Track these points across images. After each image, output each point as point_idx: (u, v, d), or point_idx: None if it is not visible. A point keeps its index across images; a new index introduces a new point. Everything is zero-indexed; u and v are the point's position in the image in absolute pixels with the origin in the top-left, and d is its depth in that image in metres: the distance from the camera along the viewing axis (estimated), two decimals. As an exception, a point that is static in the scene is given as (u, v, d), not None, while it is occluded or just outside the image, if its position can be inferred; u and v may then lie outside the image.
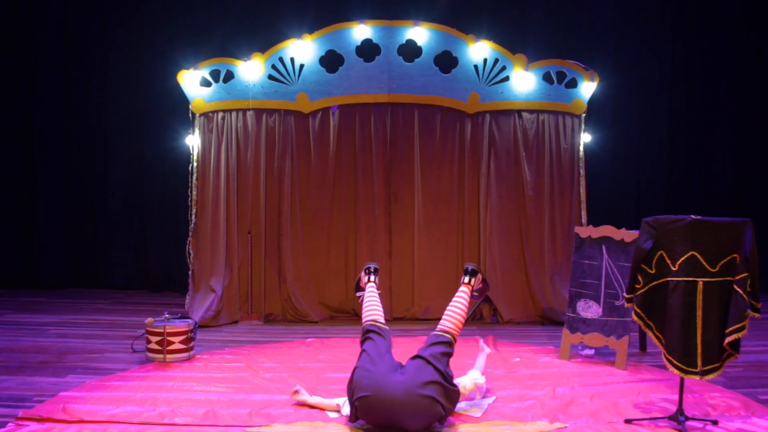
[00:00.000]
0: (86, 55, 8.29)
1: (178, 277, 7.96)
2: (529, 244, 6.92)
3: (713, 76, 8.50)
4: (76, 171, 8.39)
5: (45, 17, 8.24)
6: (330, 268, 6.93)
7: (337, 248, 6.93)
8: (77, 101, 8.33)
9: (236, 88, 6.77)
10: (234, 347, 5.75)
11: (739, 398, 4.47)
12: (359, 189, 6.89)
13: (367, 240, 6.87)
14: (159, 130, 8.01)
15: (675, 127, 8.52)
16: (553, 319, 6.74)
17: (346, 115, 6.89)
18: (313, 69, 6.77)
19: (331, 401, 4.14)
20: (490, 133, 6.94)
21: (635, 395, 4.52)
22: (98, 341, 5.87)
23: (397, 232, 6.92)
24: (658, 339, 3.96)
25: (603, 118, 7.86)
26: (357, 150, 6.87)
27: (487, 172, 6.93)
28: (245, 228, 6.84)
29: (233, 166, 6.79)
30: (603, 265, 5.37)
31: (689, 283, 3.84)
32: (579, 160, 6.98)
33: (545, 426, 3.97)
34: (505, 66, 6.83)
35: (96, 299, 7.79)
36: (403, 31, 6.76)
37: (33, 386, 4.60)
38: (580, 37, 8.19)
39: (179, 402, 4.27)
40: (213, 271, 6.72)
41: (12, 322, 6.56)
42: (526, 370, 5.11)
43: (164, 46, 7.99)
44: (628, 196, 8.46)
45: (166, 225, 8.27)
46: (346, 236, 6.95)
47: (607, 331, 5.28)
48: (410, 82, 6.80)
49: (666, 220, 3.93)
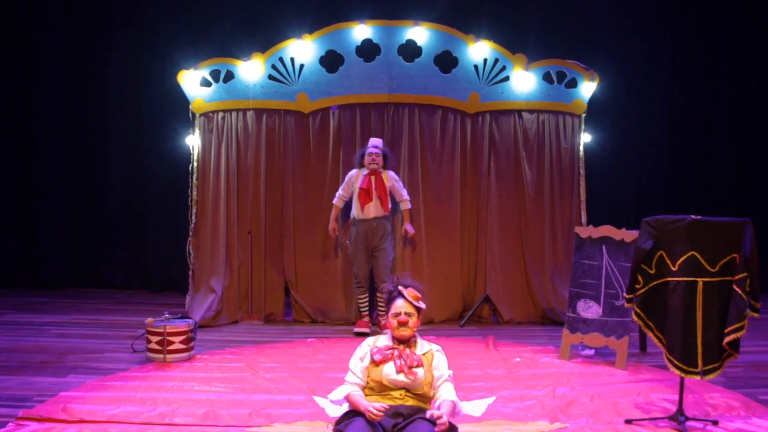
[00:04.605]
0: (86, 55, 8.28)
1: (179, 277, 7.96)
2: (530, 244, 6.93)
3: (713, 76, 8.50)
4: (76, 171, 8.39)
5: (45, 17, 8.23)
6: (330, 268, 6.93)
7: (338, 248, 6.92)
8: (77, 101, 8.32)
9: (236, 88, 6.77)
10: (234, 347, 5.75)
11: (740, 398, 4.47)
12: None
13: (367, 240, 6.87)
14: (159, 130, 8.01)
15: (675, 127, 8.52)
16: (554, 319, 6.74)
17: (346, 115, 6.89)
18: (313, 69, 6.77)
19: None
20: (491, 133, 6.94)
21: (635, 395, 4.52)
22: (99, 341, 5.87)
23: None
24: (659, 339, 3.96)
25: (603, 118, 7.85)
26: (357, 150, 6.85)
27: (487, 172, 6.94)
28: (245, 228, 6.84)
29: (233, 166, 6.80)
30: (603, 265, 5.37)
31: (689, 283, 3.84)
32: (579, 160, 6.98)
33: (545, 426, 3.97)
34: (505, 66, 6.83)
35: (96, 299, 7.79)
36: (403, 31, 6.76)
37: (33, 386, 4.60)
38: (580, 37, 8.19)
39: (179, 402, 4.27)
40: (213, 271, 6.72)
41: (12, 322, 6.56)
42: (526, 370, 5.11)
43: (164, 46, 7.98)
44: (628, 196, 8.46)
45: (166, 225, 8.26)
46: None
47: (608, 331, 5.28)
48: (410, 82, 6.81)
49: (666, 220, 3.93)
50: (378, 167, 6.35)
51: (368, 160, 6.34)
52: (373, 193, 6.32)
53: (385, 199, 6.36)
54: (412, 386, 3.20)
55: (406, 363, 3.20)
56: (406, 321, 3.25)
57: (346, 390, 3.26)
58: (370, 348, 3.32)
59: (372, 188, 6.32)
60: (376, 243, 6.38)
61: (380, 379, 3.22)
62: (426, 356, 3.30)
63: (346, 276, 6.91)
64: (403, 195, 6.51)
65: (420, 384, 3.22)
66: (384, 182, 6.37)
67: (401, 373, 3.19)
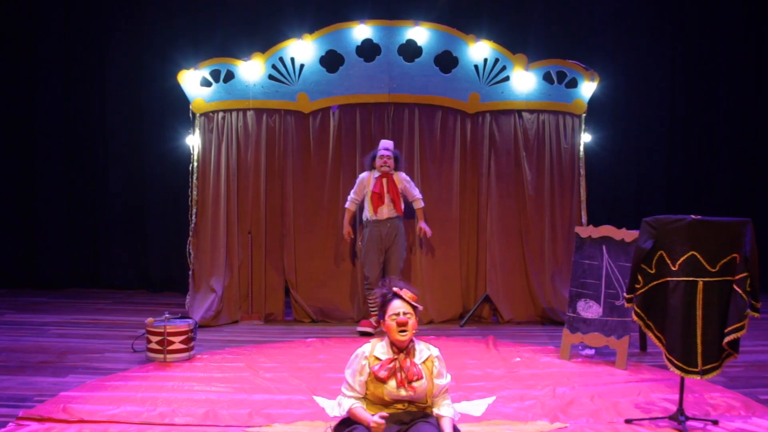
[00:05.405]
0: (86, 55, 8.28)
1: (179, 277, 7.95)
2: (530, 243, 6.93)
3: (713, 76, 8.50)
4: (76, 171, 8.39)
5: (45, 17, 8.23)
6: (330, 268, 6.93)
7: (338, 248, 6.92)
8: (78, 101, 8.32)
9: (236, 88, 6.77)
10: (234, 347, 5.75)
11: (740, 398, 4.47)
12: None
13: (368, 240, 6.87)
14: (159, 130, 8.01)
15: (675, 127, 8.52)
16: (554, 319, 6.74)
17: (346, 114, 6.89)
18: (313, 69, 6.77)
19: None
20: (491, 132, 6.94)
21: (635, 395, 4.52)
22: (99, 341, 5.87)
23: (397, 232, 6.92)
24: (659, 339, 3.96)
25: (603, 118, 7.86)
26: (357, 150, 6.87)
27: (487, 172, 6.94)
28: (245, 228, 6.84)
29: (233, 166, 6.80)
30: (603, 265, 5.37)
31: (689, 283, 3.84)
32: (579, 160, 6.98)
33: (545, 426, 3.97)
34: (506, 66, 6.83)
35: (96, 299, 7.79)
36: (403, 31, 6.76)
37: (33, 386, 4.60)
38: (580, 37, 8.19)
39: (179, 402, 4.27)
40: (213, 271, 6.72)
41: (12, 322, 6.56)
42: (527, 370, 5.11)
43: (164, 46, 7.99)
44: (628, 196, 8.46)
45: (166, 225, 8.26)
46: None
47: (608, 331, 5.28)
48: (410, 81, 6.81)
49: (666, 220, 3.93)
50: (390, 170, 6.34)
51: (380, 163, 6.33)
52: (386, 197, 6.32)
53: (398, 201, 6.37)
54: (413, 399, 3.18)
55: (407, 376, 3.16)
56: (406, 321, 3.18)
57: (347, 404, 3.22)
58: (367, 361, 3.21)
59: (384, 191, 6.32)
60: (390, 243, 6.39)
61: (382, 395, 3.17)
62: (426, 365, 3.24)
63: (346, 276, 6.92)
64: (415, 194, 6.51)
65: (422, 397, 3.19)
66: (396, 184, 6.37)
67: (402, 387, 3.15)
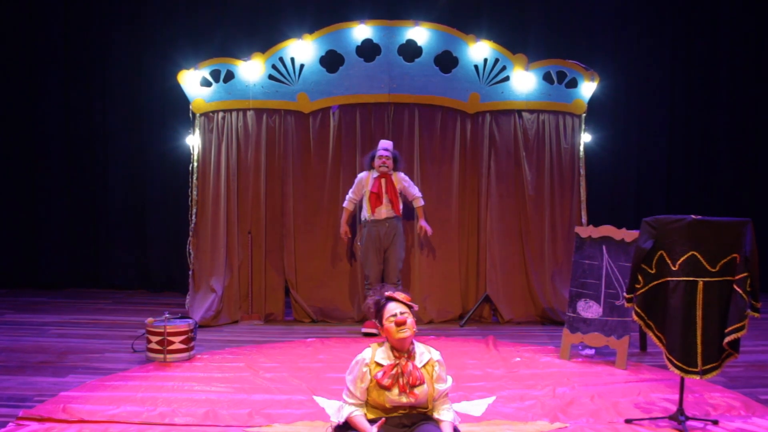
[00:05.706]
0: (86, 55, 8.29)
1: (179, 277, 7.95)
2: (530, 243, 6.93)
3: (713, 76, 8.50)
4: (76, 171, 8.39)
5: (45, 17, 8.24)
6: (330, 268, 6.93)
7: (338, 248, 6.92)
8: (78, 101, 8.33)
9: (236, 88, 6.77)
10: (234, 347, 5.75)
11: (740, 398, 4.47)
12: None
13: (368, 240, 6.87)
14: (159, 130, 8.02)
15: (675, 127, 8.52)
16: (554, 319, 6.74)
17: (346, 115, 6.89)
18: (313, 69, 6.77)
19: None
20: (491, 133, 6.94)
21: (636, 395, 4.52)
22: (99, 341, 5.87)
23: (397, 232, 6.92)
24: (659, 339, 3.96)
25: (603, 118, 7.86)
26: (357, 150, 6.87)
27: (487, 172, 6.94)
28: (245, 228, 6.84)
29: (233, 166, 6.80)
30: (603, 265, 5.37)
31: (689, 283, 3.84)
32: (579, 160, 6.98)
33: (545, 426, 3.97)
34: (506, 66, 6.83)
35: (96, 299, 7.79)
36: (403, 31, 6.76)
37: (33, 386, 4.60)
38: (580, 37, 8.19)
39: (179, 402, 4.27)
40: (213, 271, 6.72)
41: (12, 322, 6.56)
42: (527, 370, 5.11)
43: (164, 46, 7.99)
44: (628, 196, 8.46)
45: (166, 225, 8.26)
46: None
47: (608, 331, 5.28)
48: (410, 81, 6.81)
49: (666, 220, 3.93)
50: (388, 170, 6.34)
51: (378, 163, 6.33)
52: (384, 197, 6.32)
53: (396, 201, 6.37)
54: (414, 405, 3.17)
55: (409, 382, 3.15)
56: (404, 320, 3.17)
57: (346, 411, 3.20)
58: (368, 368, 3.19)
59: (382, 192, 6.32)
60: (388, 244, 6.39)
61: (383, 402, 3.15)
62: (426, 369, 3.22)
63: (346, 276, 6.92)
64: (414, 194, 6.51)
65: (423, 402, 3.18)
66: (394, 185, 6.37)
67: (403, 394, 3.15)
